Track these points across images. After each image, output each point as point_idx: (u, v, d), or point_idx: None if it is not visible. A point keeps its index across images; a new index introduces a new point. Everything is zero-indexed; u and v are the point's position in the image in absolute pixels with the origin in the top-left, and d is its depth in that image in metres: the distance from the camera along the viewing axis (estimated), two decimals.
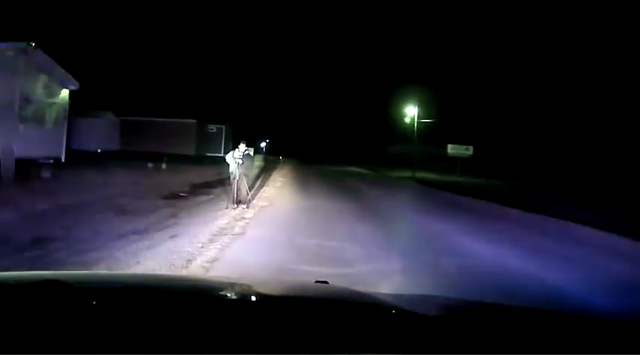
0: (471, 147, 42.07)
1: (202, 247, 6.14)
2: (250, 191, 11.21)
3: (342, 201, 12.87)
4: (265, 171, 24.49)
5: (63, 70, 15.32)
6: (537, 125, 40.99)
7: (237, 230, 7.60)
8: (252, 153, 10.83)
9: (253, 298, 1.53)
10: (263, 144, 74.26)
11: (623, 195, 19.95)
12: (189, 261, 5.36)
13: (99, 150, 23.94)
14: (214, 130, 35.76)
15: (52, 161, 14.11)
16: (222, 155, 22.91)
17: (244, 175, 10.46)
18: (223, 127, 36.29)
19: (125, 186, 12.80)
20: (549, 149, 39.05)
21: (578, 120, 37.38)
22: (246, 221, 8.62)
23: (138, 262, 5.18)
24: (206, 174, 18.80)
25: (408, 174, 32.10)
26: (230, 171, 10.45)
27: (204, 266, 5.16)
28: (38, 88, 14.06)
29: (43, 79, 14.26)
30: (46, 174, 13.36)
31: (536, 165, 35.70)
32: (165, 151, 26.74)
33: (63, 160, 15.17)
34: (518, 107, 43.25)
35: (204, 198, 12.01)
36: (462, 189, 19.63)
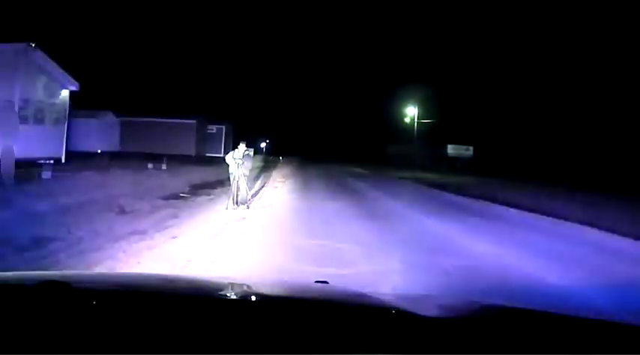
0: (471, 148, 42.05)
1: (202, 247, 6.14)
2: (250, 191, 11.22)
3: (342, 202, 12.85)
4: (265, 172, 24.50)
5: (63, 71, 15.34)
6: (537, 125, 41.02)
7: (237, 230, 7.61)
8: (252, 153, 10.83)
9: (253, 298, 1.53)
10: (263, 145, 74.25)
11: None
12: (189, 261, 5.37)
13: (99, 151, 23.96)
14: (214, 130, 35.81)
15: (52, 161, 14.13)
16: (222, 155, 22.94)
17: (244, 176, 10.47)
18: (223, 127, 36.34)
19: (125, 187, 12.80)
20: (550, 149, 39.05)
21: (579, 119, 37.42)
22: (246, 221, 8.63)
23: (138, 262, 5.19)
24: (206, 174, 18.79)
25: (408, 174, 32.09)
26: (230, 171, 10.46)
27: (204, 267, 5.17)
28: (38, 88, 14.09)
29: (43, 79, 14.29)
30: (46, 174, 13.36)
31: (538, 165, 35.67)
32: (165, 151, 26.76)
33: (63, 161, 15.20)
34: (519, 107, 43.28)
35: (204, 198, 12.01)
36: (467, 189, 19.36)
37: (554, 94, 41.62)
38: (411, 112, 40.46)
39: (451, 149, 42.15)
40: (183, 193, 12.62)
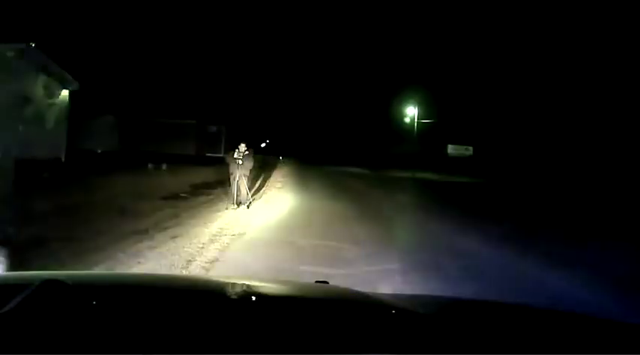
0: (470, 148, 42.05)
1: (203, 248, 6.14)
2: (250, 191, 11.22)
3: (342, 202, 12.87)
4: (265, 172, 24.50)
5: (63, 71, 15.34)
6: (537, 124, 41.00)
7: (237, 230, 7.61)
8: (252, 153, 10.83)
9: (253, 298, 1.53)
10: (263, 145, 74.34)
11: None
12: (189, 261, 5.37)
13: (99, 151, 23.96)
14: (214, 130, 35.79)
15: (52, 162, 14.12)
16: (222, 155, 22.95)
17: (244, 176, 10.47)
18: (223, 127, 36.33)
19: (125, 187, 12.81)
20: (551, 148, 39.03)
21: (579, 119, 37.40)
22: (246, 221, 8.63)
23: (139, 262, 5.19)
24: (206, 174, 18.80)
25: (408, 174, 32.12)
26: (230, 171, 10.46)
27: (204, 267, 5.17)
28: (38, 88, 14.08)
29: (43, 79, 14.28)
30: (46, 174, 13.37)
31: (538, 165, 35.65)
32: (165, 151, 26.72)
33: (63, 160, 15.18)
34: (518, 106, 43.26)
35: (204, 198, 12.01)
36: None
37: (553, 94, 41.61)
38: (411, 112, 40.47)
39: (451, 149, 42.16)
40: (183, 193, 12.61)
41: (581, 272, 5.75)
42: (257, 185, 15.86)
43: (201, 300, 1.39)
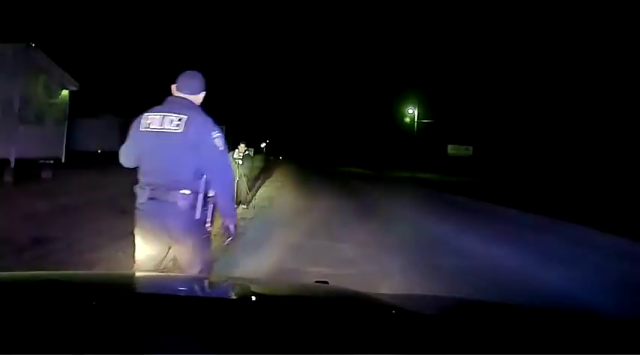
0: (470, 147, 42.02)
1: None
2: (250, 191, 11.21)
3: (342, 201, 12.87)
4: (265, 172, 24.49)
5: (63, 71, 15.32)
6: (538, 124, 41.00)
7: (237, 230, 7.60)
8: (252, 153, 10.83)
9: (253, 298, 1.53)
10: (263, 145, 74.33)
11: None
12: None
13: (99, 151, 23.94)
14: None
15: (52, 162, 14.11)
16: None
17: (244, 176, 10.47)
18: (224, 127, 36.40)
19: (126, 187, 12.74)
20: (552, 148, 39.03)
21: (579, 119, 37.39)
22: (247, 221, 8.62)
23: None
24: None
25: (408, 174, 32.14)
26: None
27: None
28: (38, 88, 14.05)
29: (43, 79, 14.25)
30: (46, 174, 13.36)
31: (539, 165, 35.65)
32: None
33: (63, 161, 15.16)
34: (517, 106, 43.28)
35: None
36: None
37: (553, 93, 41.62)
38: (411, 112, 40.52)
39: (451, 149, 42.15)
40: None
41: None
42: (257, 185, 15.86)
43: (201, 300, 1.39)
